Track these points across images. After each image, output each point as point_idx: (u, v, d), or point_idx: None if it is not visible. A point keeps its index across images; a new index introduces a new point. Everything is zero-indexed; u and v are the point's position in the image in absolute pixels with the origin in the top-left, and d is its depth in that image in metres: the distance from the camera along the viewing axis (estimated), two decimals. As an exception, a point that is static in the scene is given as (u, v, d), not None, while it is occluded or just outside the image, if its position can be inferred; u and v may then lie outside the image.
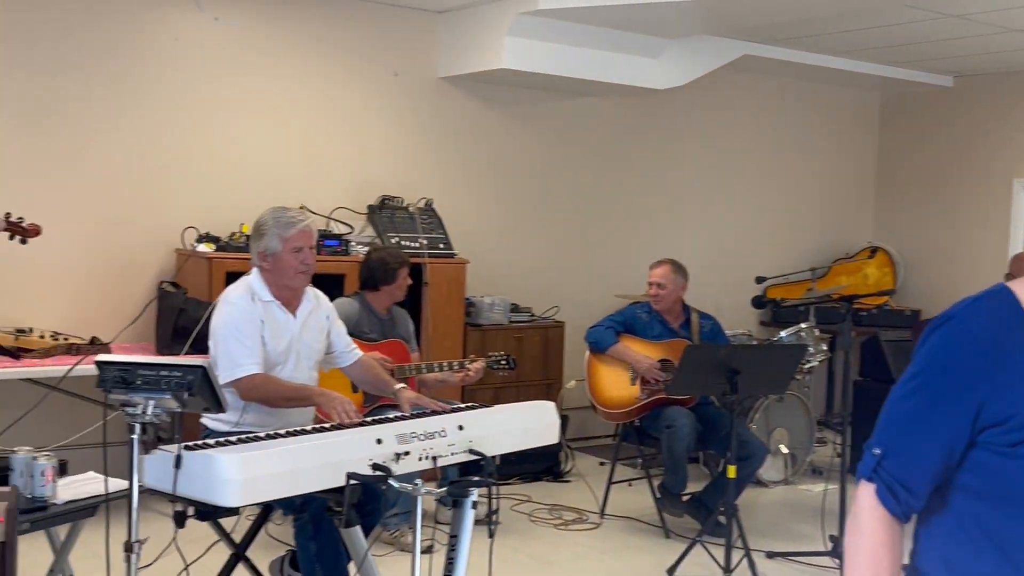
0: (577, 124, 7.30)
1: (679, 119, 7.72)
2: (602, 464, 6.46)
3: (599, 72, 6.52)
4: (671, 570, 4.60)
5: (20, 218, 3.22)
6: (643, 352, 5.31)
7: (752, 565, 4.42)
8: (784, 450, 6.19)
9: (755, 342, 6.42)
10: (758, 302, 6.73)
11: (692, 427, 5.06)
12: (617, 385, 5.32)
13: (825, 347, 6.22)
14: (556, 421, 3.76)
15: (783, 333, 6.20)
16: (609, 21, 6.23)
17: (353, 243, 5.84)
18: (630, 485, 6.02)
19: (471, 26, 6.39)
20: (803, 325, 6.16)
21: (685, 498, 5.20)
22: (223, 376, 3.48)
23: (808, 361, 6.03)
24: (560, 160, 7.25)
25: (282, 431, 3.26)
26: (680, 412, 5.10)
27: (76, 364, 4.34)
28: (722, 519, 4.67)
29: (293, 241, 3.63)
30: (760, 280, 7.24)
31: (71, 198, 5.47)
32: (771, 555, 4.85)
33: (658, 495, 5.25)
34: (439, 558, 3.55)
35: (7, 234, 3.20)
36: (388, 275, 4.91)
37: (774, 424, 6.15)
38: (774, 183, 8.26)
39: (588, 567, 4.74)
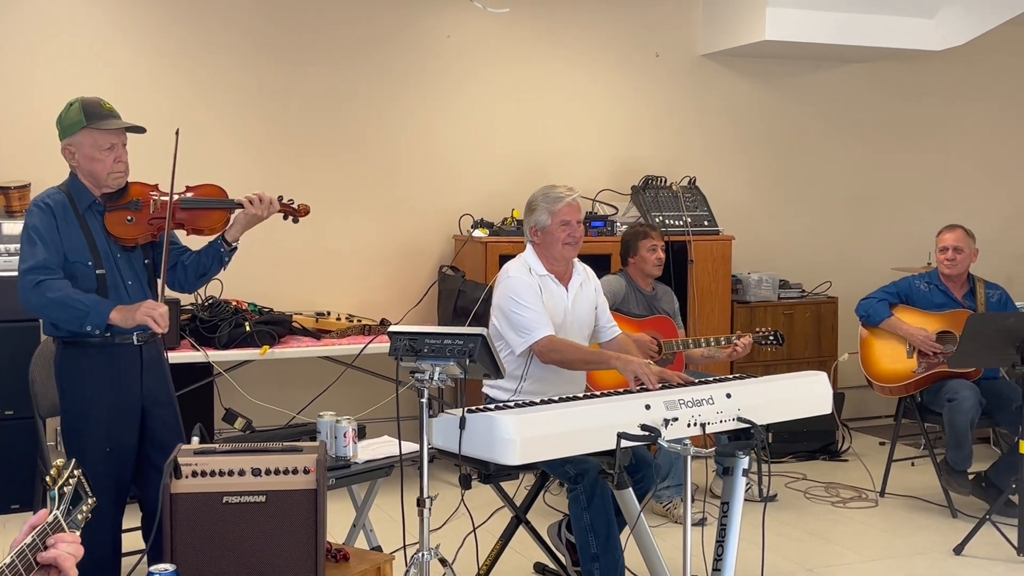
0: (845, 93, 7.07)
1: (958, 82, 7.30)
2: (882, 444, 6.23)
3: (868, 37, 6.30)
4: (958, 549, 4.40)
5: (291, 199, 3.52)
6: (921, 324, 5.09)
7: (1050, 546, 4.16)
8: (1087, 429, 5.72)
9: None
10: (1052, 269, 6.26)
11: (975, 400, 4.80)
12: (892, 358, 5.13)
13: None
14: (828, 391, 3.69)
15: (1084, 303, 5.74)
16: (877, -17, 6.00)
17: (618, 223, 5.96)
18: (912, 464, 5.78)
19: (732, 0, 6.33)
20: (1107, 294, 5.67)
21: (970, 476, 4.95)
22: (521, 344, 3.70)
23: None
24: (827, 131, 7.05)
25: (555, 397, 3.42)
26: (963, 384, 4.86)
27: (369, 343, 4.75)
28: (1014, 498, 4.43)
29: (561, 215, 3.80)
30: (1057, 248, 6.73)
31: (358, 192, 5.93)
32: (1072, 537, 4.53)
33: (941, 472, 5.02)
34: (712, 531, 3.59)
35: (281, 214, 3.50)
36: (630, 248, 5.04)
37: (1075, 401, 5.70)
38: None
39: (868, 544, 4.62)
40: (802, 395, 3.64)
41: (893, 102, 7.19)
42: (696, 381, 3.64)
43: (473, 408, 3.16)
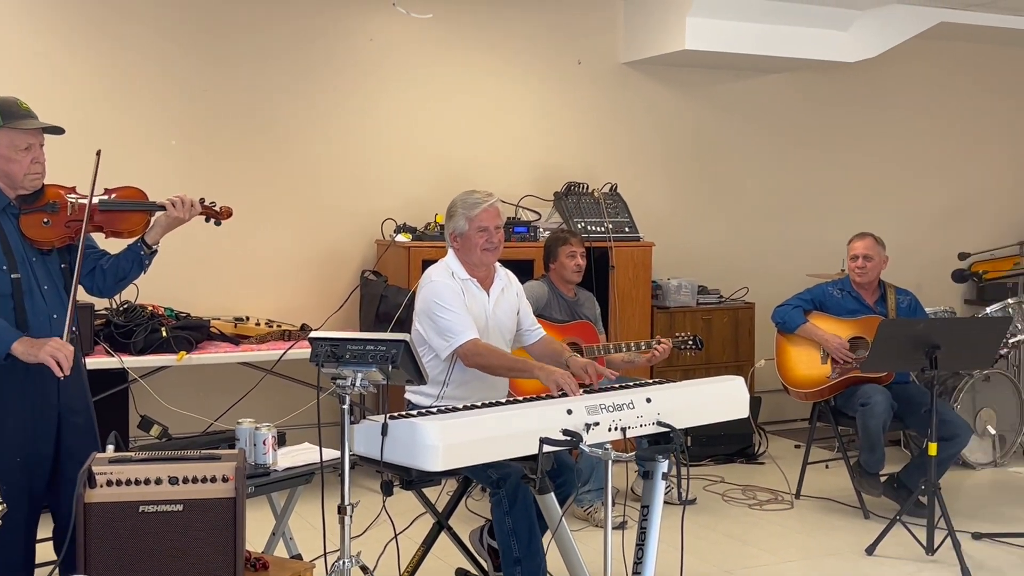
0: (763, 102, 7.21)
1: (871, 92, 7.50)
2: (797, 447, 6.37)
3: (786, 48, 6.44)
4: (870, 549, 4.52)
5: (213, 202, 3.48)
6: (835, 330, 5.22)
7: (957, 545, 4.28)
8: (991, 431, 5.94)
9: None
10: (959, 275, 6.49)
11: (887, 404, 4.94)
12: (807, 364, 5.25)
13: (1034, 322, 5.93)
14: (745, 396, 3.77)
15: (989, 309, 5.97)
16: (794, -5, 6.15)
17: (541, 229, 5.99)
18: (827, 467, 5.92)
19: (653, 10, 6.43)
20: (1010, 300, 5.90)
21: (883, 478, 5.08)
22: (445, 347, 3.70)
23: (1015, 335, 5.77)
24: (746, 139, 7.18)
25: (478, 403, 3.42)
26: (875, 389, 4.99)
27: (288, 348, 4.69)
28: (923, 499, 4.56)
29: (478, 220, 3.81)
30: (963, 256, 6.95)
31: (279, 196, 5.86)
32: (977, 536, 4.68)
33: (854, 474, 5.15)
34: (632, 534, 3.63)
35: (203, 217, 3.46)
36: (551, 254, 5.13)
37: (981, 404, 5.91)
38: (976, 153, 7.90)
39: (783, 545, 4.71)
40: (720, 399, 3.71)
41: (809, 111, 7.36)
42: (617, 381, 3.68)
43: (395, 414, 3.15)
